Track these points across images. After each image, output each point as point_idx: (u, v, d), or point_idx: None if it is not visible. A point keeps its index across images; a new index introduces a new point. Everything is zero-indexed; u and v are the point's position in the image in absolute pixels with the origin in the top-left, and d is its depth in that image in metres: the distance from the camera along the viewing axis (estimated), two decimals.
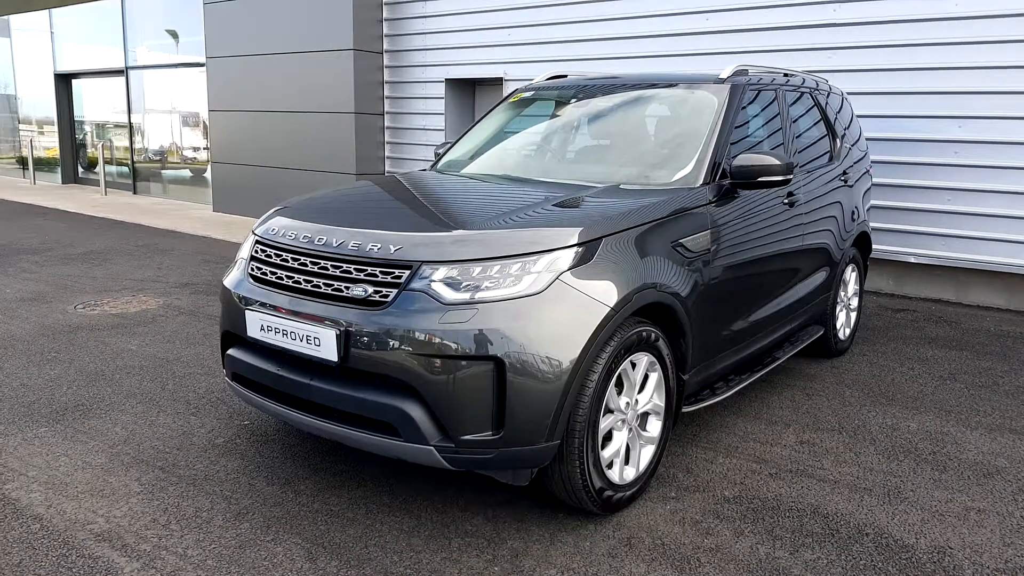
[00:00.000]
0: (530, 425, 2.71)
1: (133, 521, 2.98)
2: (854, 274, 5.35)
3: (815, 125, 4.92)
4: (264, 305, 3.06)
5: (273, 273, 3.13)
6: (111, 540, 2.85)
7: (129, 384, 4.48)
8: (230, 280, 3.34)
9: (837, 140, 5.09)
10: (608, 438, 3.02)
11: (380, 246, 2.88)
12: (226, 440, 3.74)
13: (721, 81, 4.09)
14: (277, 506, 3.11)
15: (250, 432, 3.83)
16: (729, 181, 3.68)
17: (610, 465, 3.01)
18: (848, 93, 5.79)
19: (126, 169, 14.98)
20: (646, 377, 3.15)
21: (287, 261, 3.10)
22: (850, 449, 3.74)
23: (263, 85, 11.01)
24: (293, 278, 3.04)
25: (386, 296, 2.78)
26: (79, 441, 3.70)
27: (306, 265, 3.02)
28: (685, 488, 3.32)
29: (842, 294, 5.17)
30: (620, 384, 3.02)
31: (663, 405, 3.23)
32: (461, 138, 4.78)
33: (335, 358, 2.81)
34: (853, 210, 5.11)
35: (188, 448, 3.64)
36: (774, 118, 4.43)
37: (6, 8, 16.14)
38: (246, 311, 3.12)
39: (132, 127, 14.56)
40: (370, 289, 2.82)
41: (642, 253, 3.09)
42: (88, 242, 9.36)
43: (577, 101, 4.60)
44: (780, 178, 3.63)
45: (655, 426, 3.22)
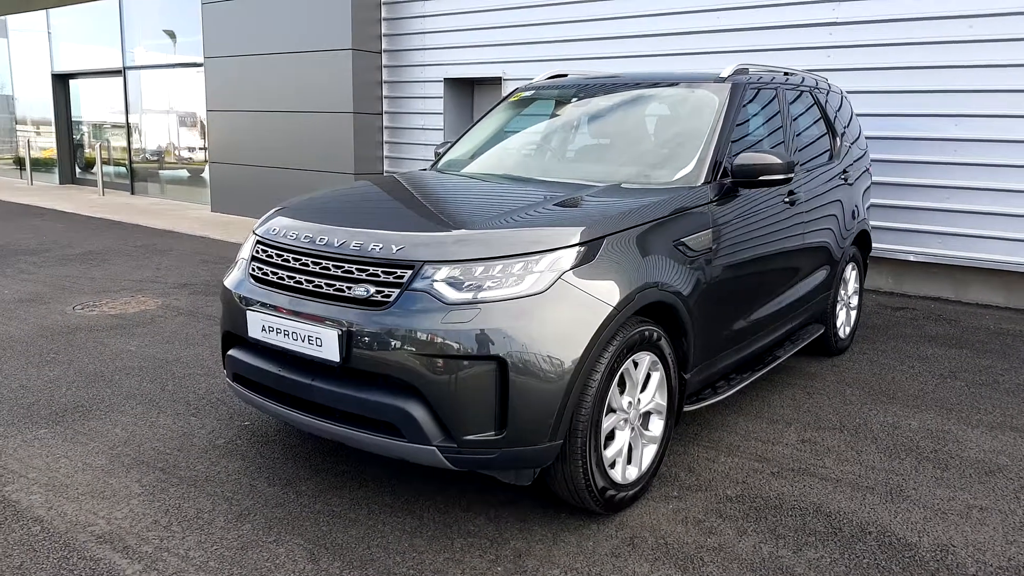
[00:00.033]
0: (533, 425, 2.71)
1: (134, 523, 2.97)
2: (854, 272, 5.36)
3: (815, 124, 4.92)
4: (265, 305, 3.05)
5: (274, 273, 3.12)
6: (112, 542, 2.84)
7: (129, 385, 4.47)
8: (231, 280, 3.33)
9: (837, 138, 5.09)
10: (610, 437, 3.01)
11: (382, 246, 2.87)
12: (227, 441, 3.73)
13: (722, 80, 4.09)
14: (279, 507, 3.10)
15: (251, 433, 3.82)
16: (730, 180, 3.68)
17: (613, 464, 3.00)
18: (847, 92, 5.80)
19: (124, 169, 14.95)
20: (648, 376, 3.15)
21: (288, 261, 3.09)
22: (851, 447, 3.74)
23: (261, 85, 10.99)
24: (294, 278, 3.03)
25: (388, 296, 2.78)
26: (79, 442, 3.68)
27: (307, 265, 3.01)
28: (687, 487, 3.31)
29: (842, 293, 5.17)
30: (622, 383, 3.02)
31: (665, 404, 3.23)
32: (461, 138, 4.77)
33: (337, 358, 2.80)
34: (853, 208, 5.11)
35: (189, 449, 3.63)
36: (774, 117, 4.43)
37: (3, 8, 16.11)
38: (247, 311, 3.11)
39: (130, 127, 14.54)
40: (372, 289, 2.81)
41: (644, 252, 3.09)
42: (86, 243, 9.34)
43: (577, 100, 4.59)
44: (781, 177, 3.63)
45: (657, 425, 3.22)
